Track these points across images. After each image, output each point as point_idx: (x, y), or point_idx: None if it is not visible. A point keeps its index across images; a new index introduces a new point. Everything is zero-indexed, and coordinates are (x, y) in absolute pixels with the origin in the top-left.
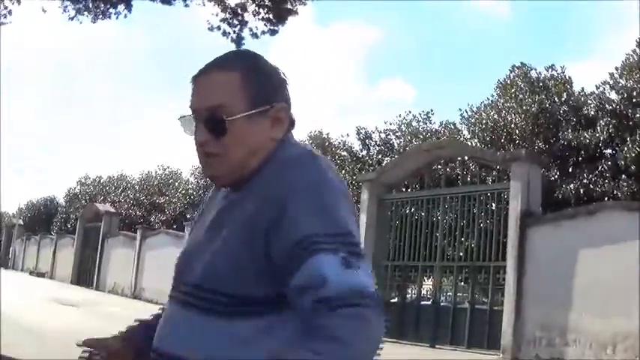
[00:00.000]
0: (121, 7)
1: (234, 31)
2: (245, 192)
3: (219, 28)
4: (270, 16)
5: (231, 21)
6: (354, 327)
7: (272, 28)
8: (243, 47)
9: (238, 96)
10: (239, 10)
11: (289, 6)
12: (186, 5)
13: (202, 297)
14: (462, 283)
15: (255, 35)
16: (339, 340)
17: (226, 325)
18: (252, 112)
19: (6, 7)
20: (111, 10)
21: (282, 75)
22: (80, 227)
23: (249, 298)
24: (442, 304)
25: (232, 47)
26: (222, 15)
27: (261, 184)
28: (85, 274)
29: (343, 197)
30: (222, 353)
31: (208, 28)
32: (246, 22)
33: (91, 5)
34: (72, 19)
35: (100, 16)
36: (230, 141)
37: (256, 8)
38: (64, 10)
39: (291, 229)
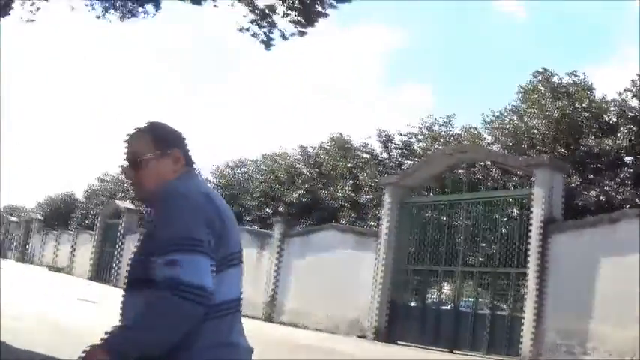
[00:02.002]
0: (149, 7)
1: (264, 33)
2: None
3: (248, 29)
4: (300, 18)
5: (260, 22)
6: (152, 304)
7: (301, 30)
8: (272, 49)
9: (147, 146)
10: (268, 12)
11: (319, 8)
12: (215, 6)
13: (128, 279)
14: (482, 289)
15: (284, 37)
16: (141, 313)
17: (134, 295)
18: (156, 153)
19: (33, 4)
20: (139, 9)
21: (178, 133)
22: (100, 224)
23: (142, 279)
24: (462, 309)
25: (261, 48)
26: (251, 16)
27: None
28: (104, 271)
29: (187, 209)
30: (129, 316)
31: (238, 29)
32: (276, 24)
33: (118, 4)
34: (99, 17)
35: (128, 15)
36: (143, 173)
37: (285, 10)
38: (92, 9)
39: (154, 239)
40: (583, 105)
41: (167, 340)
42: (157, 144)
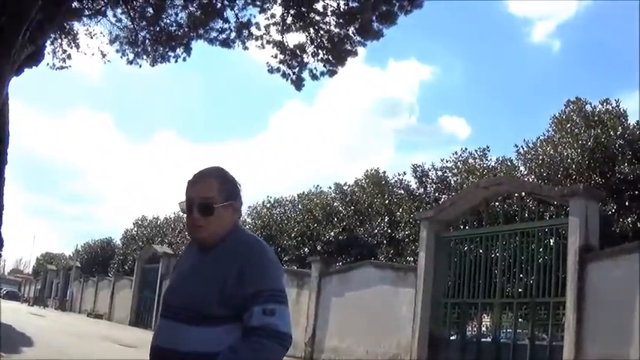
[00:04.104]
0: (179, 50)
1: (294, 73)
2: (214, 252)
3: (278, 70)
4: (330, 57)
5: (290, 62)
6: (257, 347)
7: (331, 69)
8: (303, 89)
9: (218, 194)
10: (298, 52)
11: (348, 47)
12: (246, 48)
13: (185, 314)
14: (522, 320)
15: (314, 77)
16: (246, 350)
17: (200, 330)
18: (224, 203)
19: (65, 51)
20: (170, 53)
21: (238, 183)
22: (138, 269)
23: (213, 315)
24: (502, 340)
25: (292, 88)
26: (281, 57)
27: (226, 250)
28: (144, 316)
29: (276, 265)
30: (197, 347)
31: (268, 70)
32: (306, 64)
33: (149, 49)
34: (130, 62)
35: (159, 60)
36: (212, 219)
37: (315, 49)
38: (123, 54)
39: (245, 285)
40: (617, 132)
41: None
42: (227, 193)
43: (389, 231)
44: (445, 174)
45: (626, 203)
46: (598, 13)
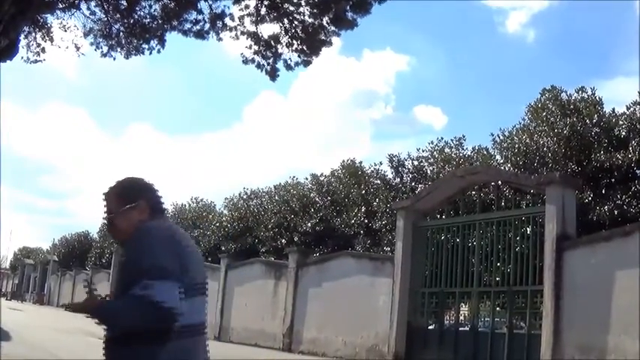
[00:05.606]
0: (153, 42)
1: (268, 63)
2: (124, 248)
3: (253, 60)
4: (304, 47)
5: (264, 53)
6: (131, 305)
7: (306, 59)
8: (277, 78)
9: (115, 204)
10: (272, 42)
11: (323, 37)
12: (220, 39)
13: None
14: (500, 309)
15: (289, 67)
16: (122, 305)
17: None
18: (123, 209)
19: (39, 45)
20: (144, 45)
21: (144, 186)
22: (115, 262)
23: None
24: (480, 329)
25: (267, 79)
26: (255, 47)
27: (127, 243)
28: None
29: (157, 241)
30: (108, 333)
31: (243, 61)
32: (280, 54)
33: (123, 41)
34: (104, 55)
35: (133, 52)
36: (117, 223)
37: (289, 40)
38: (97, 47)
39: (129, 267)
40: (593, 120)
41: (127, 329)
42: (122, 200)
43: (366, 221)
44: (421, 163)
45: (603, 191)
46: (571, 3)
